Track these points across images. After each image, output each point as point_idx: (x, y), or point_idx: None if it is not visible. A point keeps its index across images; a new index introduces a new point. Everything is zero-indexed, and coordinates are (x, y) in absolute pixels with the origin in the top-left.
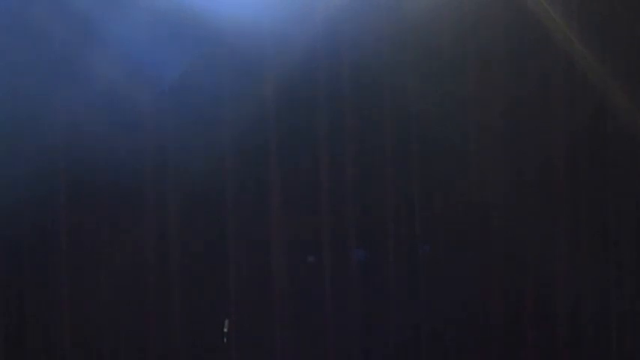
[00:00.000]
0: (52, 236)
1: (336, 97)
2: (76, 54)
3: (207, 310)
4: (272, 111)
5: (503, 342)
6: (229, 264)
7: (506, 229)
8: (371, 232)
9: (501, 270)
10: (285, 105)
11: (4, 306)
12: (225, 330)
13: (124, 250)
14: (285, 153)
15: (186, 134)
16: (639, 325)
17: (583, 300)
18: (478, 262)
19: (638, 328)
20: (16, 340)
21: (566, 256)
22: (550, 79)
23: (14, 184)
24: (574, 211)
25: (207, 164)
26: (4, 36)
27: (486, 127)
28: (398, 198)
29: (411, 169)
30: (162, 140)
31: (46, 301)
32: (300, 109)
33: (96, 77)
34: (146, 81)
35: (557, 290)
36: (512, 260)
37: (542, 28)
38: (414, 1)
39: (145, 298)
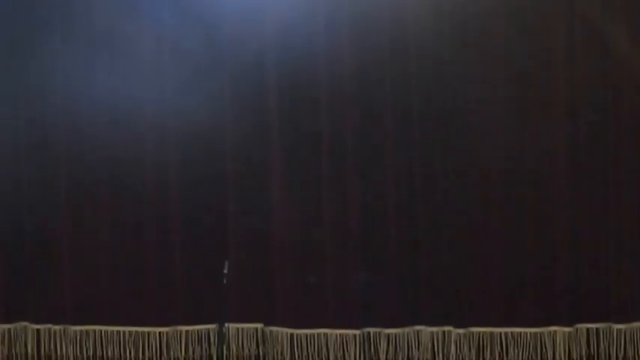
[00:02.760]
0: (52, 193)
1: (336, 59)
2: None
3: (207, 252)
4: (272, 59)
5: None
6: (229, 207)
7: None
8: (371, 193)
9: (501, 229)
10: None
11: (5, 256)
12: (225, 271)
13: (124, 196)
14: (285, 99)
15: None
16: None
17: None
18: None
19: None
20: (16, 286)
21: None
22: (551, 36)
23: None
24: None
25: (208, 112)
26: None
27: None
28: (398, 158)
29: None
30: (162, 92)
31: (47, 252)
32: (300, 60)
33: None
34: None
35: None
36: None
37: None
38: None
39: (144, 245)
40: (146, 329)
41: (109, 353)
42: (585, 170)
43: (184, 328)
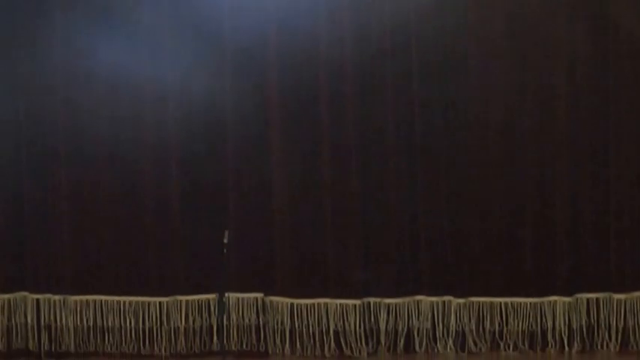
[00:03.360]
0: (52, 164)
1: (336, 12)
2: None
3: (207, 222)
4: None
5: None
6: (229, 173)
7: (506, 137)
8: (370, 140)
9: (501, 200)
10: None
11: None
12: (225, 241)
13: (124, 169)
14: (285, 57)
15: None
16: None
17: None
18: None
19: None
20: (16, 256)
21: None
22: None
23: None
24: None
25: (208, 89)
26: None
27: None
28: (398, 111)
29: (411, 84)
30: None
31: (46, 222)
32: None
33: None
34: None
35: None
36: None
37: None
38: None
39: (144, 216)
40: (146, 299)
41: (109, 323)
42: (586, 135)
43: (184, 297)
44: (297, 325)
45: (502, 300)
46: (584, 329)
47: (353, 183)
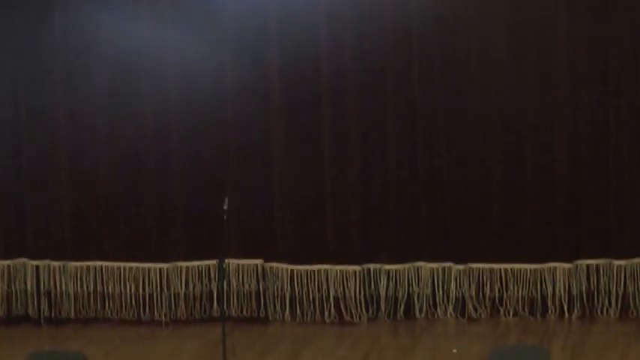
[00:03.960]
0: (52, 128)
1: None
2: None
3: (208, 189)
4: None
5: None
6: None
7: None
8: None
9: (501, 166)
10: None
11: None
12: (225, 208)
13: (124, 135)
14: (285, 22)
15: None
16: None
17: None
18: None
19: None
20: (16, 222)
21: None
22: None
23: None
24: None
25: (209, 60)
26: None
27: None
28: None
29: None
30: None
31: (46, 188)
32: None
33: None
34: None
35: (557, 175)
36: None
37: None
38: None
39: (144, 182)
40: (146, 265)
41: (109, 289)
42: (586, 107)
43: (185, 264)
44: (297, 292)
45: (502, 266)
46: (584, 295)
47: (353, 149)
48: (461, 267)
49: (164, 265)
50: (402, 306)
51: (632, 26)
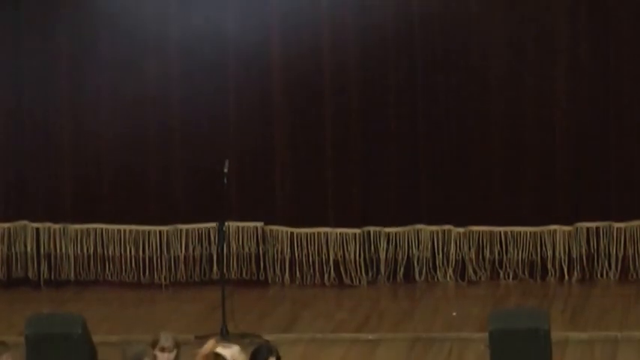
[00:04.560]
0: (53, 90)
1: None
2: None
3: (208, 151)
4: None
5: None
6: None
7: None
8: (371, 89)
9: (501, 128)
10: None
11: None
12: (226, 170)
13: (125, 99)
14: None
15: None
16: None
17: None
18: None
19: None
20: (16, 184)
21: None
22: None
23: None
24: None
25: (210, 24)
26: None
27: None
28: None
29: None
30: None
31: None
32: None
33: None
34: None
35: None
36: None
37: None
38: None
39: (145, 144)
40: (146, 227)
41: (109, 252)
42: (586, 69)
43: (185, 226)
44: (296, 254)
45: (502, 229)
46: (584, 258)
47: (354, 112)
48: (461, 230)
49: (164, 228)
50: (402, 269)
51: None
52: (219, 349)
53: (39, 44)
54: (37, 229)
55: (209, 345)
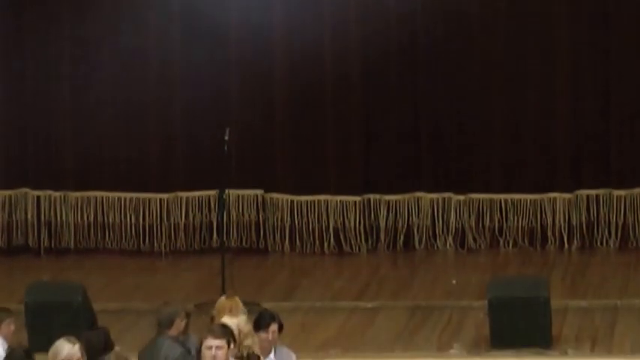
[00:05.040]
0: (54, 56)
1: None
2: None
3: (208, 119)
4: None
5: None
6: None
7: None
8: (372, 46)
9: (502, 96)
10: None
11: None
12: (226, 138)
13: (126, 62)
14: None
15: None
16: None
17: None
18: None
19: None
20: (17, 152)
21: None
22: None
23: None
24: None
25: None
26: None
27: None
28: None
29: None
30: None
31: (47, 117)
32: None
33: None
34: None
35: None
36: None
37: None
38: None
39: (145, 112)
40: (147, 195)
41: (110, 219)
42: (587, 35)
43: (185, 194)
44: (296, 222)
45: (502, 196)
46: (584, 226)
47: (354, 77)
48: (461, 197)
49: (164, 196)
50: (402, 237)
51: None
52: (226, 319)
53: (40, 14)
54: (38, 197)
55: (220, 302)
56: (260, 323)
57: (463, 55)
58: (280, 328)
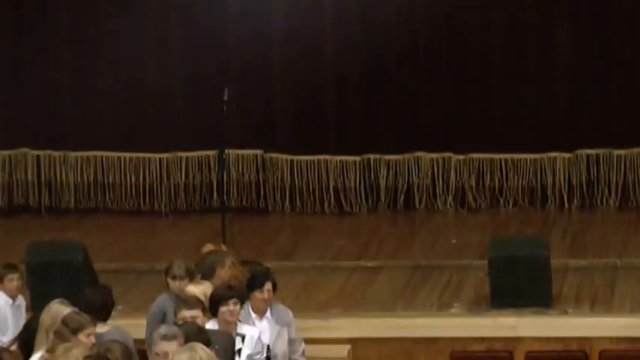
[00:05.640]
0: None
1: None
2: None
3: (208, 79)
4: None
5: None
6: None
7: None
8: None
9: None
10: None
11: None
12: (225, 98)
13: (125, 19)
14: None
15: None
16: None
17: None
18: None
19: None
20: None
21: None
22: None
23: None
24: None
25: None
26: None
27: None
28: None
29: None
30: None
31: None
32: None
33: None
34: None
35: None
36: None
37: None
38: None
39: (145, 72)
40: (147, 155)
41: (110, 179)
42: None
43: (184, 154)
44: (296, 182)
45: (502, 156)
46: (584, 185)
47: (355, 37)
48: (461, 157)
49: (164, 155)
50: (402, 196)
51: None
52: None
53: None
54: (38, 157)
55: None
56: (254, 282)
57: (464, 13)
58: (274, 287)
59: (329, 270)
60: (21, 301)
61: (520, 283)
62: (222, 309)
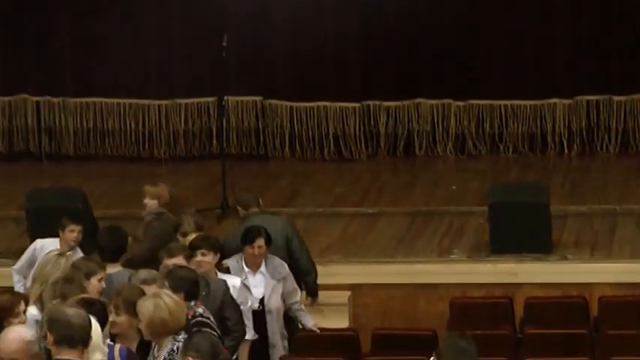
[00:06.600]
0: None
1: None
2: None
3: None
4: None
5: None
6: None
7: None
8: None
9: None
10: None
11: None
12: (224, 44)
13: None
14: None
15: None
16: None
17: None
18: None
19: None
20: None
21: None
22: None
23: None
24: None
25: None
26: None
27: None
28: None
29: None
30: None
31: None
32: None
33: None
34: None
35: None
36: None
37: None
38: None
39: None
40: (146, 102)
41: (109, 125)
42: None
43: (184, 100)
44: (296, 129)
45: (502, 102)
46: (584, 131)
47: None
48: (461, 103)
49: (163, 102)
50: (402, 143)
51: None
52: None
53: None
54: (38, 103)
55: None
56: (246, 238)
57: None
58: (268, 242)
59: (329, 216)
60: (78, 253)
61: (520, 230)
62: (194, 259)
